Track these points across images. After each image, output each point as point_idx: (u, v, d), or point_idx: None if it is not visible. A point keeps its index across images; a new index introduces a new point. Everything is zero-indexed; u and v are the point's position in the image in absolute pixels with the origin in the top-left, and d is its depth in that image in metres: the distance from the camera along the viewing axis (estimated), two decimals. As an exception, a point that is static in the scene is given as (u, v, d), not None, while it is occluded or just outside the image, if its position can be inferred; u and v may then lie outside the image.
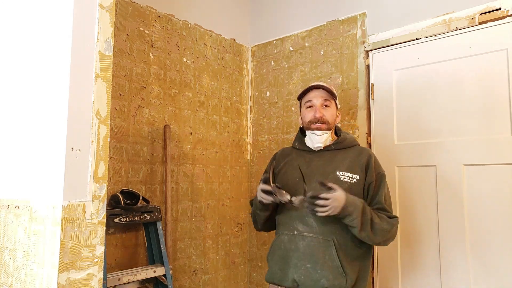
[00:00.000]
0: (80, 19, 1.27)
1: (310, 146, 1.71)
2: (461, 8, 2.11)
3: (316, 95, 1.68)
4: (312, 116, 1.67)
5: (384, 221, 1.55)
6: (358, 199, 1.53)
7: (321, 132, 1.66)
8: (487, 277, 1.97)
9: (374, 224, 1.52)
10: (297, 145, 1.80)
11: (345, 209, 1.47)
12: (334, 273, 1.52)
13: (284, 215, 1.67)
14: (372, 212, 1.55)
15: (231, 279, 2.84)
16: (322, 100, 1.68)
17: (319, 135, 1.66)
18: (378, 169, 1.66)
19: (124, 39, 2.27)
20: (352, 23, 2.52)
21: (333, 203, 1.45)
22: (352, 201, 1.50)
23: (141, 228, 2.29)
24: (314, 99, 1.68)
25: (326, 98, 1.68)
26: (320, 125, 1.65)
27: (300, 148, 1.77)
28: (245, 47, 3.10)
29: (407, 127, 2.27)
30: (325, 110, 1.68)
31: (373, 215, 1.54)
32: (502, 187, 1.95)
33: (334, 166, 1.64)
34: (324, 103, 1.68)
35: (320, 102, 1.67)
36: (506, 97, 1.97)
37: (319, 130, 1.65)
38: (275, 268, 1.63)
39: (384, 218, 1.56)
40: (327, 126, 1.66)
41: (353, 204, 1.49)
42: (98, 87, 1.30)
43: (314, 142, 1.68)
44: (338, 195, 1.47)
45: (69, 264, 1.18)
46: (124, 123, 2.25)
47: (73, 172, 1.22)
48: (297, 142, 1.80)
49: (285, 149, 1.89)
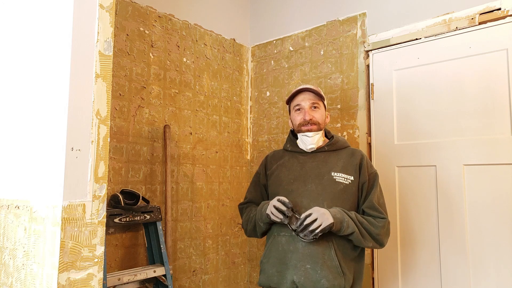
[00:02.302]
0: (80, 19, 1.27)
1: (303, 148, 1.72)
2: (461, 8, 2.11)
3: (304, 98, 1.70)
4: (302, 118, 1.68)
5: (370, 224, 1.57)
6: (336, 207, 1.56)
7: (313, 133, 1.67)
8: (487, 277, 1.97)
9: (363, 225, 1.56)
10: (289, 147, 1.79)
11: (334, 217, 1.49)
12: (333, 273, 1.52)
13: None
14: (357, 216, 1.58)
15: (231, 279, 2.84)
16: (311, 103, 1.69)
17: (310, 137, 1.67)
18: (371, 169, 1.68)
19: (124, 39, 2.27)
20: (352, 23, 2.52)
21: (317, 213, 1.48)
22: (332, 210, 1.53)
23: (141, 228, 2.29)
24: (302, 102, 1.70)
25: (314, 100, 1.69)
26: (311, 127, 1.67)
27: (293, 150, 1.77)
28: (245, 47, 3.10)
29: (407, 127, 2.27)
30: (314, 111, 1.69)
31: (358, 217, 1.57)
32: (502, 187, 1.95)
33: (328, 167, 1.65)
34: (312, 105, 1.69)
35: (308, 104, 1.69)
36: (506, 97, 1.97)
37: (310, 132, 1.66)
38: (271, 271, 1.62)
39: (370, 220, 1.58)
40: (317, 127, 1.68)
41: (334, 210, 1.53)
42: (98, 87, 1.30)
43: (306, 144, 1.69)
44: (315, 208, 1.52)
45: (69, 264, 1.18)
46: (124, 123, 2.25)
47: (73, 172, 1.22)
48: (289, 144, 1.80)
49: (276, 151, 1.88)
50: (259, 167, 1.88)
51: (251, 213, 1.77)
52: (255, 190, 1.86)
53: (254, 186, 1.87)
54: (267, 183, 1.80)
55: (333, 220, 1.48)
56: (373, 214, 1.60)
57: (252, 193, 1.86)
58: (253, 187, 1.87)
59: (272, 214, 1.57)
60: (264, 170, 1.84)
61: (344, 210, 1.56)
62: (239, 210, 1.90)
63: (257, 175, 1.88)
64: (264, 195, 1.83)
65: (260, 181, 1.84)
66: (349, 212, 1.57)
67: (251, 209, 1.80)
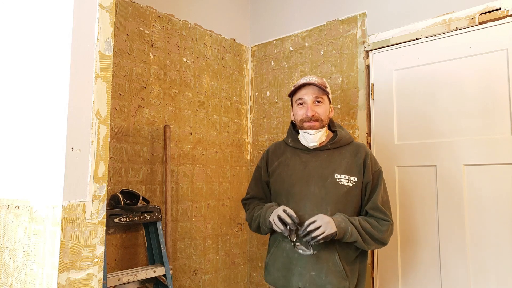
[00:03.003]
0: (80, 19, 1.27)
1: (305, 144, 1.65)
2: (461, 8, 2.11)
3: (308, 91, 1.61)
4: (304, 114, 1.60)
5: (373, 227, 1.55)
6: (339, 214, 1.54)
7: (315, 131, 1.59)
8: (487, 277, 1.97)
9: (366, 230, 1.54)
10: (290, 142, 1.73)
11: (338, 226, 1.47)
12: (338, 277, 1.52)
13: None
14: (361, 220, 1.55)
15: (231, 279, 2.84)
16: (314, 97, 1.60)
17: (312, 134, 1.60)
18: (375, 167, 1.64)
19: (124, 39, 2.27)
20: (352, 23, 2.52)
21: (321, 221, 1.46)
22: (337, 219, 1.50)
23: (141, 228, 2.29)
24: (305, 96, 1.61)
25: (318, 94, 1.60)
26: (313, 124, 1.59)
27: (294, 146, 1.70)
28: (245, 47, 3.10)
29: (407, 127, 2.27)
30: (317, 106, 1.60)
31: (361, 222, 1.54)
32: (502, 187, 1.95)
33: (332, 168, 1.60)
34: (316, 100, 1.60)
35: (311, 98, 1.60)
36: (506, 97, 1.97)
37: (312, 129, 1.59)
38: (277, 274, 1.62)
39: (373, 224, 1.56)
40: (320, 123, 1.60)
41: (338, 219, 1.50)
42: (98, 87, 1.30)
43: (308, 141, 1.62)
44: (320, 215, 1.49)
45: (69, 264, 1.18)
46: (124, 123, 2.25)
47: (73, 172, 1.22)
48: (290, 139, 1.73)
49: (277, 145, 1.80)
50: (260, 161, 1.82)
51: (255, 212, 1.73)
52: (257, 186, 1.81)
53: (255, 182, 1.82)
54: (269, 180, 1.75)
55: (336, 229, 1.46)
56: (376, 215, 1.58)
57: (254, 189, 1.82)
58: (255, 183, 1.82)
59: (274, 223, 1.54)
60: (266, 166, 1.77)
61: (349, 218, 1.53)
62: (243, 205, 1.87)
63: (258, 170, 1.82)
64: (266, 191, 1.79)
65: (262, 177, 1.79)
66: (353, 219, 1.53)
67: (254, 206, 1.76)
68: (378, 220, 1.58)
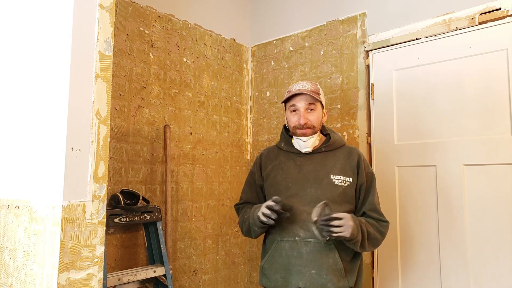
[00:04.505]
0: (80, 19, 1.27)
1: (298, 148, 1.68)
2: (461, 8, 2.11)
3: (301, 98, 1.63)
4: (297, 121, 1.63)
5: (377, 231, 1.58)
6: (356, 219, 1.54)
7: (307, 138, 1.63)
8: (487, 277, 1.97)
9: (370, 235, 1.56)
10: (283, 146, 1.75)
11: (352, 233, 1.47)
12: (338, 276, 1.53)
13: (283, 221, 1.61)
14: (367, 225, 1.57)
15: (231, 279, 2.84)
16: (306, 104, 1.63)
17: (305, 141, 1.63)
18: (368, 169, 1.67)
19: (124, 39, 2.27)
20: (352, 23, 2.52)
21: (347, 222, 1.46)
22: (356, 228, 1.50)
23: (141, 228, 2.29)
24: (298, 103, 1.63)
25: (311, 101, 1.63)
26: (305, 131, 1.62)
27: (288, 150, 1.72)
28: (245, 47, 3.10)
29: (407, 127, 2.27)
30: (310, 114, 1.63)
31: (368, 228, 1.56)
32: (502, 187, 1.95)
33: (327, 170, 1.62)
34: (308, 107, 1.63)
35: (304, 106, 1.62)
36: (506, 97, 1.97)
37: (305, 136, 1.63)
38: (275, 277, 1.60)
39: (377, 227, 1.59)
40: (312, 130, 1.63)
41: (357, 230, 1.51)
42: (98, 87, 1.30)
43: (301, 147, 1.66)
44: (349, 216, 1.49)
45: (69, 264, 1.18)
46: (124, 123, 2.25)
47: (73, 172, 1.22)
48: (284, 143, 1.75)
49: (270, 149, 1.82)
50: (253, 166, 1.82)
51: (245, 214, 1.73)
52: (251, 191, 1.81)
53: (249, 187, 1.82)
54: (263, 185, 1.76)
55: (350, 235, 1.47)
56: (375, 217, 1.62)
57: (248, 193, 1.82)
58: (248, 188, 1.82)
59: (262, 215, 1.54)
60: (259, 171, 1.78)
61: (362, 226, 1.53)
62: (236, 210, 1.87)
63: (252, 175, 1.82)
64: (260, 196, 1.79)
65: (255, 182, 1.79)
66: (364, 227, 1.54)
67: (246, 210, 1.76)
68: (378, 222, 1.61)
